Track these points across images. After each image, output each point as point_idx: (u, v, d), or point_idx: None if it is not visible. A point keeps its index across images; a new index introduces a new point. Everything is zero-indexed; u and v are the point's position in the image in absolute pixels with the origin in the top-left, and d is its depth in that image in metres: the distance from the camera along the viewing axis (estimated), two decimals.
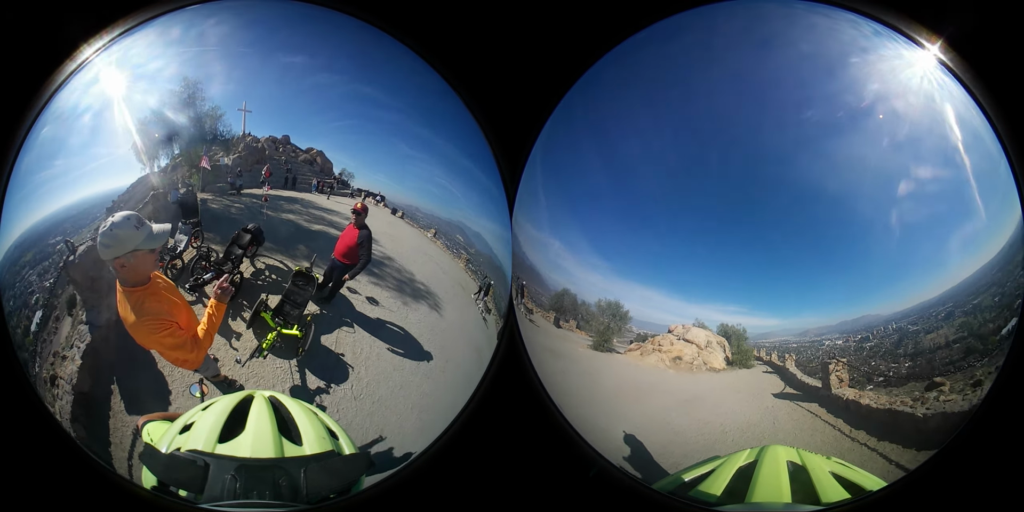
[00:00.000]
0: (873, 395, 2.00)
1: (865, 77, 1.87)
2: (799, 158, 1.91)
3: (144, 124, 1.93)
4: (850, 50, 1.89)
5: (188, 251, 2.14)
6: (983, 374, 1.86)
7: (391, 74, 2.11)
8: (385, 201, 2.33)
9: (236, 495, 1.40)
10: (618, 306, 2.26)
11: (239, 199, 2.24)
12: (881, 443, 1.94)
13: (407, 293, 2.36)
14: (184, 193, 2.08)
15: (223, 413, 1.58)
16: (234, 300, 2.11)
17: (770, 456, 1.83)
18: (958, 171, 1.85)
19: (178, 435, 1.55)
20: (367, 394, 2.13)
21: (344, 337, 2.21)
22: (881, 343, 1.99)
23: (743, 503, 1.71)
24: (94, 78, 1.91)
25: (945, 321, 1.91)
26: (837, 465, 1.78)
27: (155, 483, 1.48)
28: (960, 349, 1.89)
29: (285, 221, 2.30)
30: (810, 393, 2.11)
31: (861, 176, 1.87)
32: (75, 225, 1.91)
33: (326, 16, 2.06)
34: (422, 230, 2.42)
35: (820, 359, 2.10)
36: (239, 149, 2.18)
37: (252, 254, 2.20)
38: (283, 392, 2.05)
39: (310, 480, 1.46)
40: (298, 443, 1.56)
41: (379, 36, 2.05)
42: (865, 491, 1.70)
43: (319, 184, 2.33)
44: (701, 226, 2.04)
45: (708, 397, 2.27)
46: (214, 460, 1.44)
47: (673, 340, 2.31)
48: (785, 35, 1.95)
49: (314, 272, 2.21)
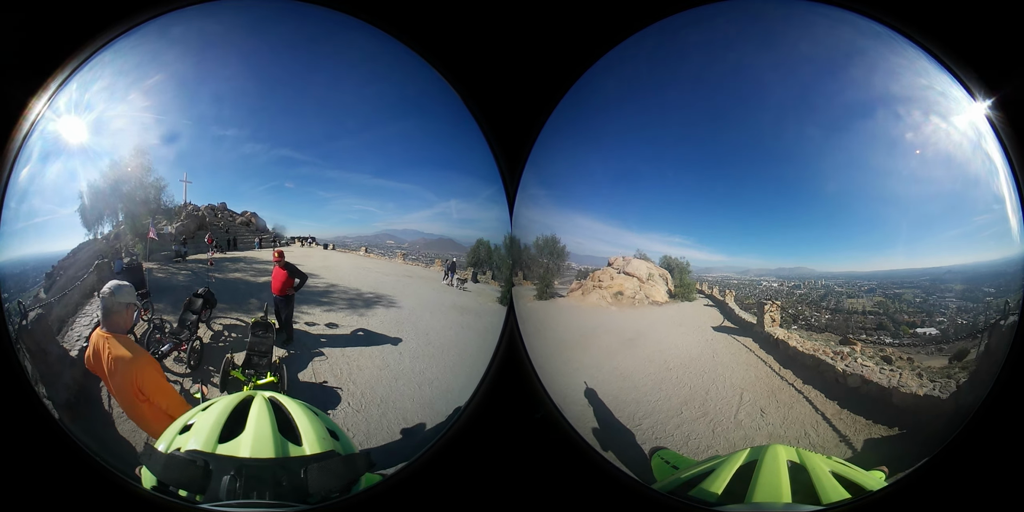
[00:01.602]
0: (799, 338, 2.17)
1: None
2: (773, 92, 1.94)
3: (91, 189, 1.98)
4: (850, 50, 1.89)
5: (139, 324, 2.13)
6: (893, 355, 2.04)
7: (303, 130, 2.34)
8: (315, 240, 2.63)
9: (236, 495, 1.40)
10: (554, 242, 2.26)
11: (185, 265, 2.39)
12: (806, 387, 2.09)
13: (360, 306, 2.59)
14: (129, 262, 2.12)
15: (223, 413, 1.58)
16: (199, 368, 2.16)
17: (770, 456, 1.82)
18: (953, 182, 1.88)
19: (178, 435, 1.54)
20: (367, 402, 2.20)
21: (320, 366, 2.30)
22: (809, 293, 2.20)
23: (743, 503, 1.70)
24: (50, 120, 1.93)
25: (867, 294, 2.08)
26: (837, 465, 1.78)
27: (155, 483, 1.48)
28: (873, 320, 2.08)
29: (232, 280, 2.51)
30: (746, 328, 2.25)
31: (859, 145, 1.89)
32: (15, 285, 1.91)
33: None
34: (354, 252, 2.70)
35: (757, 298, 2.24)
36: (182, 217, 2.33)
37: (207, 318, 2.26)
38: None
39: (310, 480, 1.45)
40: (298, 443, 1.55)
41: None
42: (865, 491, 1.70)
43: (259, 241, 2.66)
44: (653, 144, 2.03)
45: (650, 333, 2.32)
46: (214, 460, 1.43)
47: (613, 274, 2.33)
48: (786, 35, 1.95)
49: (270, 319, 2.33)
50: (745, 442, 1.97)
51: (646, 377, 2.18)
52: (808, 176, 1.93)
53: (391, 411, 2.16)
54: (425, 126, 2.27)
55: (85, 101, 1.96)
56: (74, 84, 1.93)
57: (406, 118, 2.29)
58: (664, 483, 1.95)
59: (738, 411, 2.04)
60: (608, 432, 2.10)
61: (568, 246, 2.27)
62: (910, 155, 1.87)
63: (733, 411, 2.04)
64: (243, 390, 2.12)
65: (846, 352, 2.07)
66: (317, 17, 2.06)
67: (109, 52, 1.94)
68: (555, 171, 2.16)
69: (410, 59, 2.05)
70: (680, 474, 1.94)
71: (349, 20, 2.04)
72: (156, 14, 1.95)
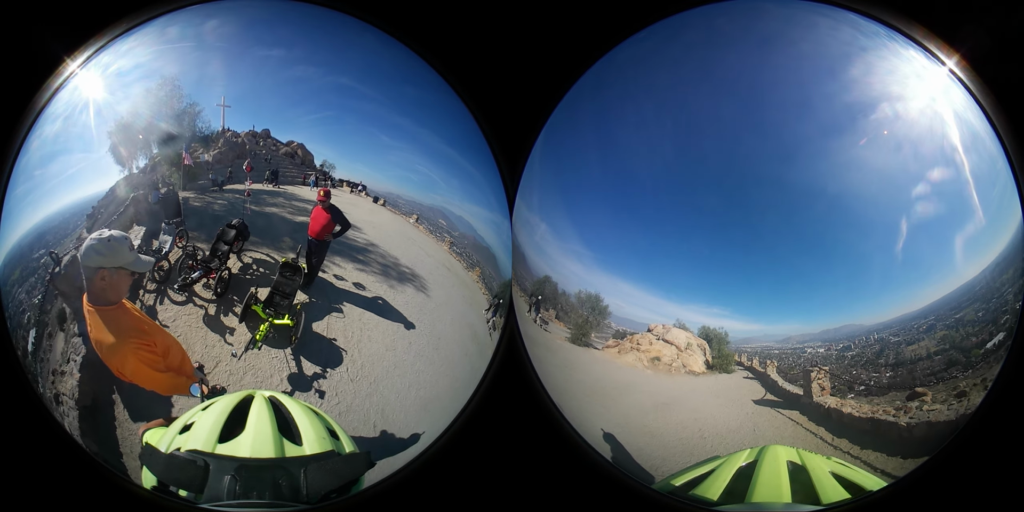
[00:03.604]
0: (855, 404, 1.98)
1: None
2: (798, 159, 1.91)
3: (119, 124, 1.92)
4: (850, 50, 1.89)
5: (174, 251, 2.14)
6: (967, 385, 1.86)
7: (369, 64, 2.12)
8: (366, 190, 2.39)
9: (236, 495, 1.40)
10: (598, 300, 2.24)
11: (221, 195, 2.26)
12: (864, 451, 1.93)
13: (392, 277, 2.41)
14: (165, 192, 2.08)
15: (223, 413, 1.58)
16: (224, 296, 2.15)
17: (770, 456, 1.83)
18: (954, 183, 1.85)
19: (178, 435, 1.55)
20: (363, 376, 2.16)
21: (334, 323, 2.25)
22: (863, 352, 1.98)
23: (743, 503, 1.70)
24: (66, 83, 1.91)
25: (927, 333, 1.91)
26: (837, 465, 1.78)
27: (155, 483, 1.48)
28: (942, 361, 1.90)
29: (269, 214, 2.33)
30: (791, 400, 2.07)
31: (860, 180, 1.87)
32: (56, 236, 1.91)
33: (308, 10, 2.06)
34: (404, 216, 2.48)
35: (802, 366, 2.07)
36: (219, 145, 2.19)
37: (238, 249, 2.22)
38: (281, 380, 2.08)
39: (310, 480, 1.45)
40: (298, 443, 1.55)
41: (362, 27, 2.06)
42: (865, 491, 1.70)
43: (303, 177, 2.38)
44: (691, 223, 2.02)
45: (686, 400, 2.23)
46: (214, 460, 1.43)
47: (652, 339, 2.29)
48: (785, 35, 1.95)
49: (300, 262, 2.25)
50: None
51: (677, 441, 2.09)
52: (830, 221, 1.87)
53: (376, 395, 2.13)
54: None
55: (118, 64, 1.92)
56: (110, 51, 1.92)
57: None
58: (664, 483, 1.95)
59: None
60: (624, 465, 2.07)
61: (610, 307, 2.23)
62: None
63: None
64: (260, 328, 2.13)
65: (912, 406, 1.88)
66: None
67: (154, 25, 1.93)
68: (596, 234, 2.18)
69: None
70: (680, 474, 1.94)
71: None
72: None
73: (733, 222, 1.99)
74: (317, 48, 2.08)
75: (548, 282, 2.28)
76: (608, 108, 2.12)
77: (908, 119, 1.85)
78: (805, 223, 1.91)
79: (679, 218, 2.04)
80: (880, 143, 1.85)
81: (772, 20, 1.98)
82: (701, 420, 2.15)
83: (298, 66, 2.03)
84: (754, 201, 1.95)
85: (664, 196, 2.04)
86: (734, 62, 1.98)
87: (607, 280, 2.20)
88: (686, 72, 2.03)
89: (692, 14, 1.98)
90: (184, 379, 1.99)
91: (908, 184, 1.85)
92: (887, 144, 1.85)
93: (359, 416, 2.08)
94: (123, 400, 1.94)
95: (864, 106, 1.86)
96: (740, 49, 1.98)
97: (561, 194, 2.21)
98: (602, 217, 2.16)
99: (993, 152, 1.84)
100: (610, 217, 2.15)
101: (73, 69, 1.90)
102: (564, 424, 2.08)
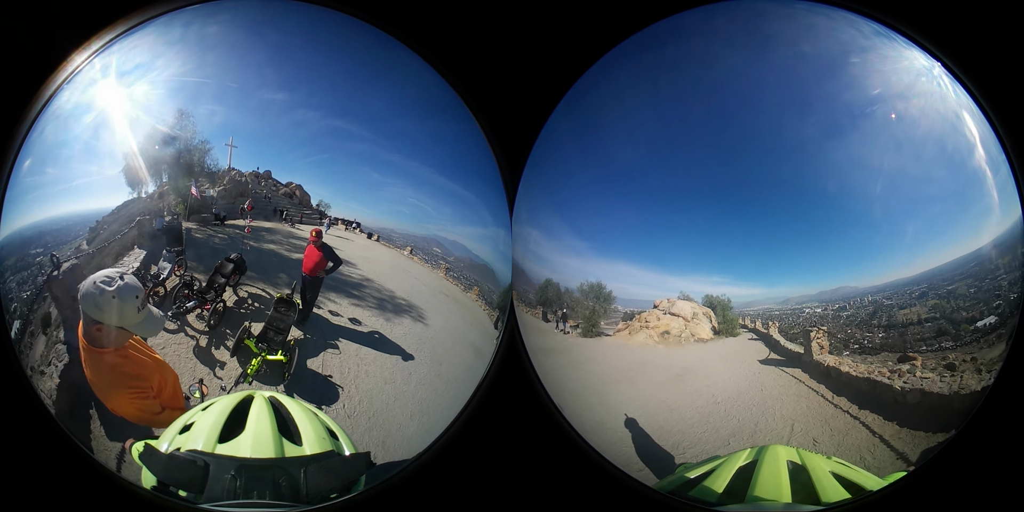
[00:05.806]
0: (851, 362, 2.08)
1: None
2: (787, 126, 1.94)
3: (137, 150, 1.96)
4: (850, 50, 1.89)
5: (171, 279, 2.15)
6: (957, 359, 1.93)
7: (365, 104, 2.20)
8: (360, 227, 2.47)
9: (236, 495, 1.40)
10: (600, 287, 2.26)
11: (222, 230, 2.32)
12: (863, 412, 2.01)
13: (388, 309, 2.43)
14: (170, 221, 2.12)
15: (223, 413, 1.58)
16: (217, 328, 2.16)
17: (770, 456, 1.83)
18: (956, 169, 1.88)
19: (178, 435, 1.55)
20: (361, 411, 2.16)
21: (330, 359, 2.25)
22: (857, 313, 2.09)
23: (743, 503, 1.71)
24: (91, 82, 1.92)
25: (919, 300, 1.99)
26: (837, 465, 1.78)
27: (155, 483, 1.48)
28: (932, 328, 1.98)
29: (267, 251, 2.40)
30: (793, 359, 2.18)
31: (854, 152, 1.90)
32: (56, 240, 1.91)
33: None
34: (399, 249, 2.52)
35: (801, 326, 2.18)
36: (224, 182, 2.28)
37: (235, 283, 2.25)
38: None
39: (310, 480, 1.46)
40: (298, 443, 1.56)
41: (373, 50, 2.12)
42: (865, 491, 1.70)
43: (300, 216, 2.51)
44: (681, 196, 2.05)
45: (698, 369, 2.29)
46: (214, 460, 1.44)
47: (659, 315, 2.34)
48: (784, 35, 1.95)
49: (295, 298, 2.28)
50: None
51: (693, 410, 2.15)
52: (829, 193, 1.91)
53: (376, 429, 2.13)
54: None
55: (130, 64, 1.94)
56: (117, 47, 1.93)
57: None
58: (664, 483, 1.95)
59: (789, 442, 2.00)
60: (647, 458, 2.09)
61: (614, 291, 2.27)
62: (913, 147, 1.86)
63: (784, 442, 1.99)
64: (252, 362, 2.13)
65: (904, 369, 1.97)
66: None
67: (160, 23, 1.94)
68: (588, 223, 2.21)
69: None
70: (680, 474, 1.94)
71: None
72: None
73: (727, 188, 2.01)
74: (315, 90, 2.14)
75: (550, 285, 2.29)
76: (602, 111, 2.14)
77: (908, 118, 1.88)
78: (797, 184, 1.96)
79: (666, 193, 2.08)
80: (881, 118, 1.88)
81: (772, 20, 1.98)
82: (713, 386, 2.21)
83: (298, 110, 2.12)
84: (745, 167, 1.99)
85: (651, 171, 2.07)
86: (734, 62, 1.98)
87: (606, 266, 2.23)
88: (685, 72, 2.04)
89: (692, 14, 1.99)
90: (178, 412, 1.88)
91: (900, 167, 1.89)
92: (885, 117, 1.88)
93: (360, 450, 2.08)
94: (100, 417, 1.90)
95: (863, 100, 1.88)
96: (740, 49, 1.99)
97: (547, 195, 2.22)
98: (591, 204, 2.18)
99: (994, 152, 1.86)
100: (598, 202, 2.17)
101: (89, 56, 1.90)
102: (564, 424, 2.08)
